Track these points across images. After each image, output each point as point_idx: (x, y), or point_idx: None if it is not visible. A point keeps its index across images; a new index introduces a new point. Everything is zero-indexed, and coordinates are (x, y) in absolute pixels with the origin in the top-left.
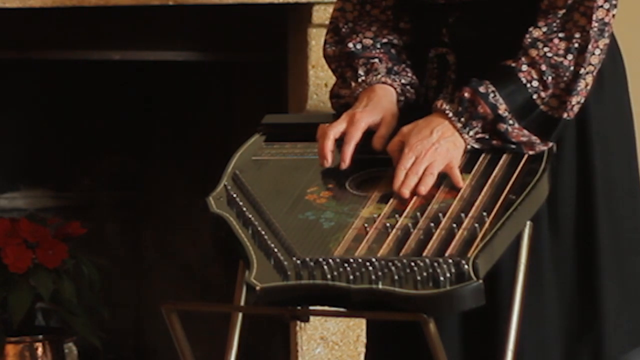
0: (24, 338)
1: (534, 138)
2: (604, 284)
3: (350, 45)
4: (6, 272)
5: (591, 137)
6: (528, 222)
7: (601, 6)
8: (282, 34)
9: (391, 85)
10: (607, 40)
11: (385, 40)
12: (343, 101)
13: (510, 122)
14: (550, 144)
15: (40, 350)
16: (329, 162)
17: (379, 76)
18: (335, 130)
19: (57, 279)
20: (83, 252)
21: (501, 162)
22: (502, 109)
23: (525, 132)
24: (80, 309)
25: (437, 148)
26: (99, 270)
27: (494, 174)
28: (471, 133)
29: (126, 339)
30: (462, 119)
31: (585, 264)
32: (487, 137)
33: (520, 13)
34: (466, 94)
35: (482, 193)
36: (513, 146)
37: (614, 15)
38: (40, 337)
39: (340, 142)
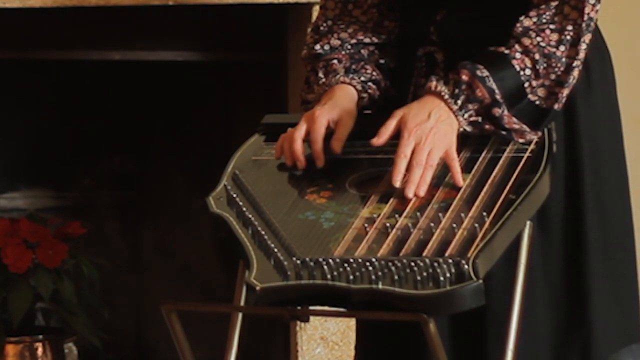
0: (24, 338)
1: (524, 126)
2: (593, 282)
3: (317, 47)
4: (6, 272)
5: (580, 136)
6: (528, 222)
7: (587, 1)
8: (282, 34)
9: (350, 83)
10: (591, 36)
11: (354, 41)
12: (310, 106)
13: (504, 107)
14: (540, 134)
15: (40, 350)
16: (303, 164)
17: (338, 76)
18: (300, 132)
19: (57, 279)
20: (83, 252)
21: (501, 162)
22: (499, 94)
23: (515, 119)
24: (80, 309)
25: (436, 132)
26: (99, 270)
27: (494, 173)
28: (465, 116)
29: (126, 339)
30: (459, 101)
31: (574, 262)
32: (479, 120)
33: (508, 10)
34: (464, 77)
35: (482, 193)
36: (504, 132)
37: (597, 11)
38: (40, 337)
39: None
